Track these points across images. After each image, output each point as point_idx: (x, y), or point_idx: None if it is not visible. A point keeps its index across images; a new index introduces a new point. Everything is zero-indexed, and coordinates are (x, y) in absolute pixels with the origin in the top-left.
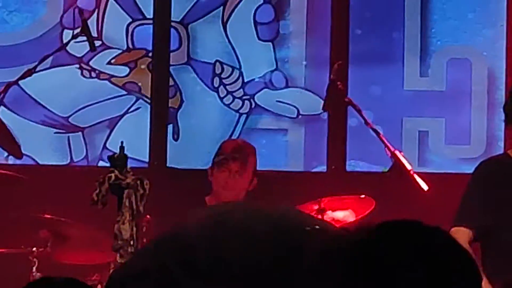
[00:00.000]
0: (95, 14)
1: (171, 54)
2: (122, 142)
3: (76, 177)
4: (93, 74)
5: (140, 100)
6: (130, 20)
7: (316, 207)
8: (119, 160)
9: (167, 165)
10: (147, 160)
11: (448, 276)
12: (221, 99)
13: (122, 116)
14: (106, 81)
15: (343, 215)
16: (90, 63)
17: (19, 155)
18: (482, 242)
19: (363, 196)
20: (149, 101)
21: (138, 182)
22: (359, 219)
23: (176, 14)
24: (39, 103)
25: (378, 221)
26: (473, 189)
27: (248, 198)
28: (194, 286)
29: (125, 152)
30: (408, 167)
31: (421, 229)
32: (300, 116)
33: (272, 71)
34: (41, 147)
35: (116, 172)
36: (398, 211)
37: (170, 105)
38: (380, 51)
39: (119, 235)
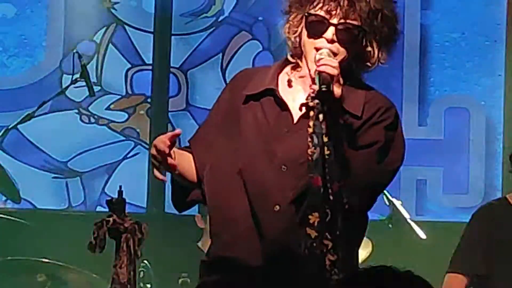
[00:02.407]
0: (94, 60)
1: (170, 100)
2: (120, 186)
3: (74, 222)
4: (92, 119)
5: (139, 146)
6: (130, 65)
7: None
8: (117, 204)
9: (165, 210)
10: (145, 205)
11: None
12: None
13: (120, 161)
14: (105, 127)
15: None
16: (89, 108)
17: (17, 199)
18: None
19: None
20: (147, 146)
21: (136, 226)
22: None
23: (175, 60)
24: (38, 148)
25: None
26: (470, 235)
27: None
28: None
29: (123, 197)
30: (406, 215)
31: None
32: None
33: None
34: (40, 192)
35: (114, 216)
36: (395, 259)
37: None
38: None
39: (116, 279)
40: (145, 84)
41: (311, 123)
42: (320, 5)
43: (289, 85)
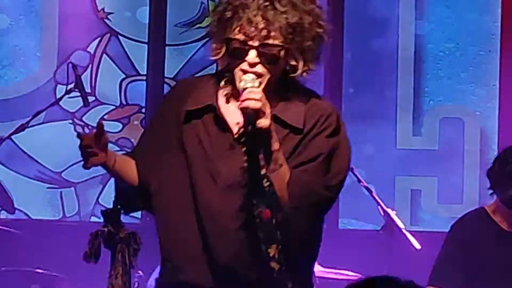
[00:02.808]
0: (88, 70)
1: None
2: (115, 197)
3: (68, 232)
4: (86, 130)
5: None
6: (124, 76)
7: None
8: (112, 214)
9: None
10: (138, 216)
11: None
12: None
13: None
14: None
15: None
16: (83, 118)
17: (11, 209)
18: None
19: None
20: None
21: (132, 236)
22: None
23: (170, 70)
24: (32, 158)
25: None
26: (447, 248)
27: None
28: None
29: (118, 208)
30: (401, 225)
31: (397, 283)
32: None
33: None
34: (34, 202)
35: (110, 226)
36: (390, 269)
37: None
38: (373, 110)
39: None
40: (139, 95)
41: (244, 158)
42: (238, 28)
43: (227, 101)
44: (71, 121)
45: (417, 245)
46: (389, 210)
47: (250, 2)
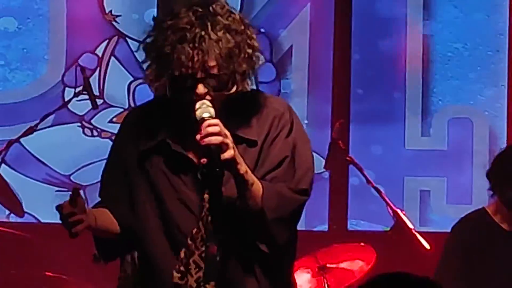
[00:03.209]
0: (96, 73)
1: None
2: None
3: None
4: (95, 133)
5: None
6: (132, 78)
7: (315, 264)
8: None
9: None
10: None
11: None
12: None
13: None
14: (108, 140)
15: (346, 265)
16: (92, 121)
17: (20, 213)
18: None
19: (362, 244)
20: None
21: None
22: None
23: None
24: (41, 161)
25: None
26: (450, 249)
27: None
28: None
29: None
30: (410, 226)
31: (411, 280)
32: None
33: None
34: (43, 205)
35: None
36: (400, 270)
37: None
38: (382, 111)
39: None
40: (147, 97)
41: (205, 196)
42: (179, 64)
43: (179, 131)
44: (79, 124)
45: (427, 246)
46: (398, 211)
47: (186, 35)
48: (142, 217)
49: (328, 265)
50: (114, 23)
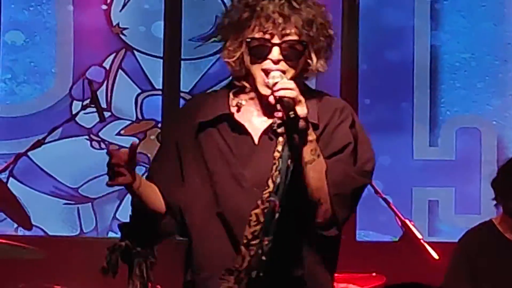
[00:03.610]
0: (104, 85)
1: None
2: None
3: (86, 248)
4: (103, 145)
5: None
6: (139, 91)
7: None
8: (129, 228)
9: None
10: None
11: None
12: None
13: None
14: None
15: None
16: (100, 134)
17: (28, 226)
18: None
19: (374, 274)
20: None
21: (149, 250)
22: None
23: (185, 84)
24: (49, 174)
25: None
26: (457, 260)
27: None
28: None
29: None
30: (419, 236)
31: None
32: None
33: None
34: (51, 218)
35: (127, 240)
36: (408, 280)
37: None
38: (389, 121)
39: None
40: (155, 109)
41: (279, 148)
42: (258, 27)
43: (239, 110)
44: (87, 137)
45: (435, 256)
46: (406, 221)
47: (267, 3)
48: (192, 193)
49: None
50: (121, 35)
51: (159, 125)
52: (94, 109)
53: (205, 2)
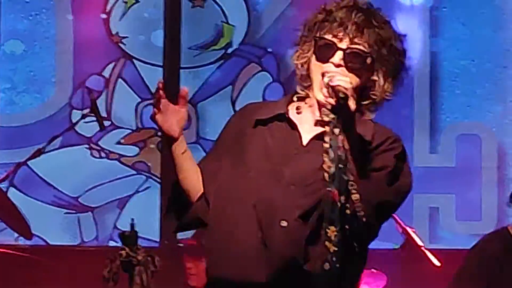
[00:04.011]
0: (104, 94)
1: None
2: (132, 219)
3: (87, 257)
4: (103, 154)
5: (150, 180)
6: (139, 99)
7: None
8: (130, 237)
9: (178, 243)
10: (157, 239)
11: None
12: None
13: (131, 195)
14: (116, 161)
15: None
16: (99, 143)
17: (29, 235)
18: None
19: (373, 270)
20: (159, 180)
21: (149, 259)
22: None
23: None
24: (49, 184)
25: None
26: (470, 267)
27: None
28: None
29: (135, 229)
30: (420, 243)
31: None
32: None
33: None
34: (51, 228)
35: (127, 249)
36: (410, 287)
37: None
38: (390, 128)
39: None
40: None
41: (327, 138)
42: (329, 30)
43: (298, 112)
44: (87, 146)
45: (437, 263)
46: (407, 228)
47: (345, 11)
48: (225, 183)
49: None
50: (120, 44)
51: (159, 133)
52: (94, 118)
53: (204, 10)
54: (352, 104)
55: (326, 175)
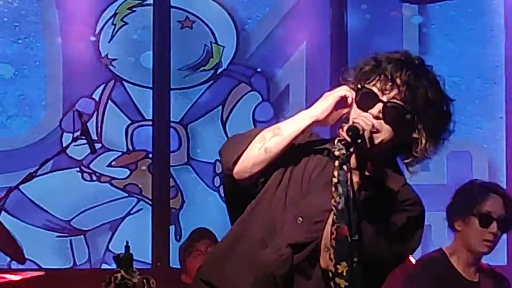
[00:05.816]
0: (94, 117)
1: (171, 154)
2: (127, 242)
3: (79, 280)
4: (94, 177)
5: (142, 202)
6: (130, 122)
7: None
8: (124, 259)
9: (171, 265)
10: (149, 261)
11: None
12: (223, 198)
13: (123, 218)
14: (107, 184)
15: None
16: (91, 166)
17: (21, 259)
18: None
19: None
20: (150, 202)
21: (145, 281)
22: None
23: (175, 114)
24: (40, 207)
25: None
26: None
27: None
28: None
29: (130, 252)
30: (412, 261)
31: None
32: None
33: None
34: (44, 251)
35: (122, 272)
36: None
37: (171, 205)
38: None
39: None
40: (145, 140)
41: (335, 173)
42: (374, 81)
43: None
44: (78, 169)
45: None
46: None
47: (394, 64)
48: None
49: None
50: (110, 66)
51: (150, 155)
52: (85, 141)
53: (193, 31)
54: (374, 147)
55: (334, 210)
